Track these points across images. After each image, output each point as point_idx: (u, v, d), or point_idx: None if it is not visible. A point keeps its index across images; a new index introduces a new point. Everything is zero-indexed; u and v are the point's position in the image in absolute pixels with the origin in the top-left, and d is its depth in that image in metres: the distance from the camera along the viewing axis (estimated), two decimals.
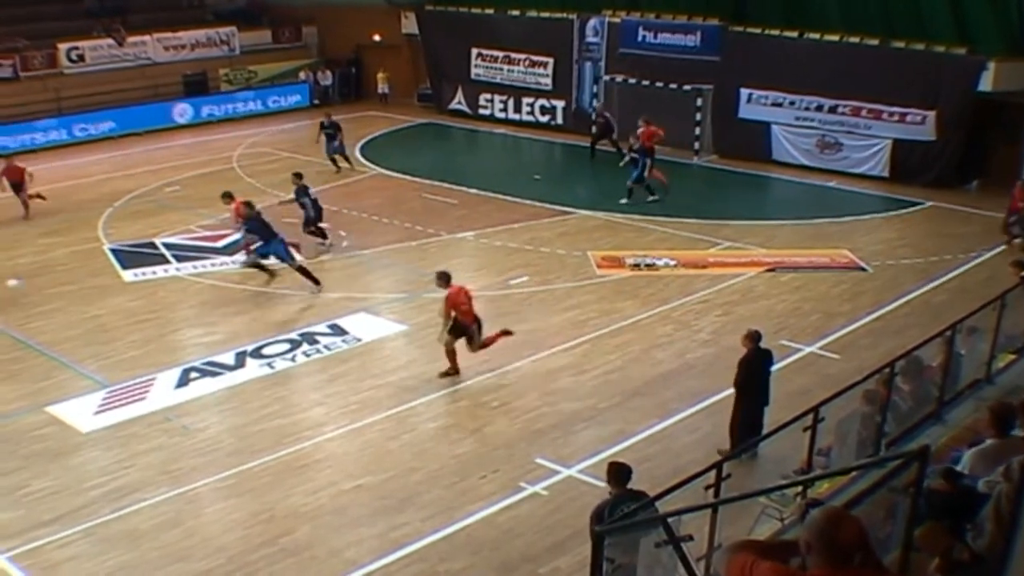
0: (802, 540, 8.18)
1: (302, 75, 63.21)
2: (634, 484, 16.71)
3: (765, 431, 20.99)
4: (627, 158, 44.02)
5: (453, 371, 27.88)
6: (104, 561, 21.06)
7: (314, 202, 39.37)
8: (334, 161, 49.04)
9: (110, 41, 61.95)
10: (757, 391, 22.39)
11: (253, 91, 62.52)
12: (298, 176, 40.16)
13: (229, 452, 24.98)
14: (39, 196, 43.45)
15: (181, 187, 46.73)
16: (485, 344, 27.74)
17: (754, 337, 22.66)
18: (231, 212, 36.36)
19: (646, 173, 42.93)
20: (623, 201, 41.76)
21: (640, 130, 44.80)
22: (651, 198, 42.70)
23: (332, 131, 48.84)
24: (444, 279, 27.83)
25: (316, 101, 61.82)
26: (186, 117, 61.46)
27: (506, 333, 27.84)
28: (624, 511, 15.88)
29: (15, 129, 58.00)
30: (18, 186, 43.84)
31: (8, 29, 61.23)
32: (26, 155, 54.37)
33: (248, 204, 35.07)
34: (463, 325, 27.38)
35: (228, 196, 36.70)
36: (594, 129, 51.01)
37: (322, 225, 39.70)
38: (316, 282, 34.45)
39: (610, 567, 14.32)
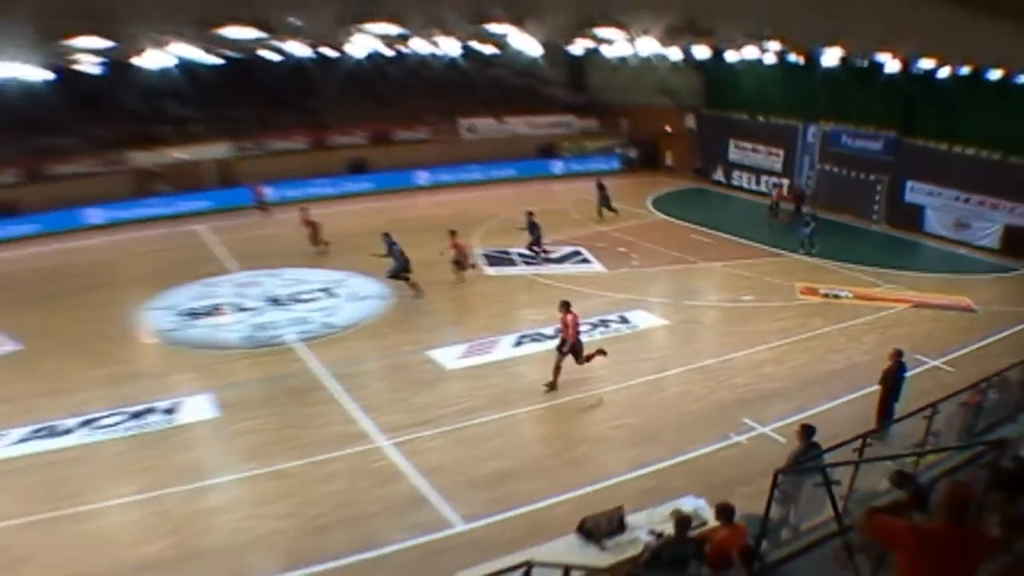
0: (935, 502, 8.46)
1: (617, 149, 63.32)
2: None
3: (896, 417, 20.74)
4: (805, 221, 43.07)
5: (553, 386, 26.04)
6: (450, 453, 22.27)
7: (536, 230, 40.17)
8: (607, 210, 48.80)
9: (493, 120, 63.05)
10: (895, 389, 22.16)
11: (586, 158, 62.84)
12: (530, 213, 40.72)
13: (542, 393, 25.61)
14: (324, 243, 42.74)
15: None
16: (588, 358, 26.11)
17: (898, 353, 22.64)
18: (451, 245, 36.74)
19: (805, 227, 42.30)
20: (814, 250, 40.94)
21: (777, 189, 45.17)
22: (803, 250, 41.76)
23: (602, 190, 48.70)
24: (564, 306, 26.06)
25: (625, 168, 61.96)
26: (555, 170, 62.15)
27: (600, 352, 26.35)
28: (808, 459, 16.00)
29: (455, 170, 60.95)
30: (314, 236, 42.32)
31: (424, 106, 63.36)
32: (452, 188, 58.26)
33: (387, 234, 35.50)
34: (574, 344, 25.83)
35: (452, 233, 36.93)
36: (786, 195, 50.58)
37: (535, 249, 40.15)
38: (420, 292, 34.79)
39: (781, 495, 14.36)
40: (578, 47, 44.46)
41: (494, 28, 31.80)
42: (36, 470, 22.63)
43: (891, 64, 41.01)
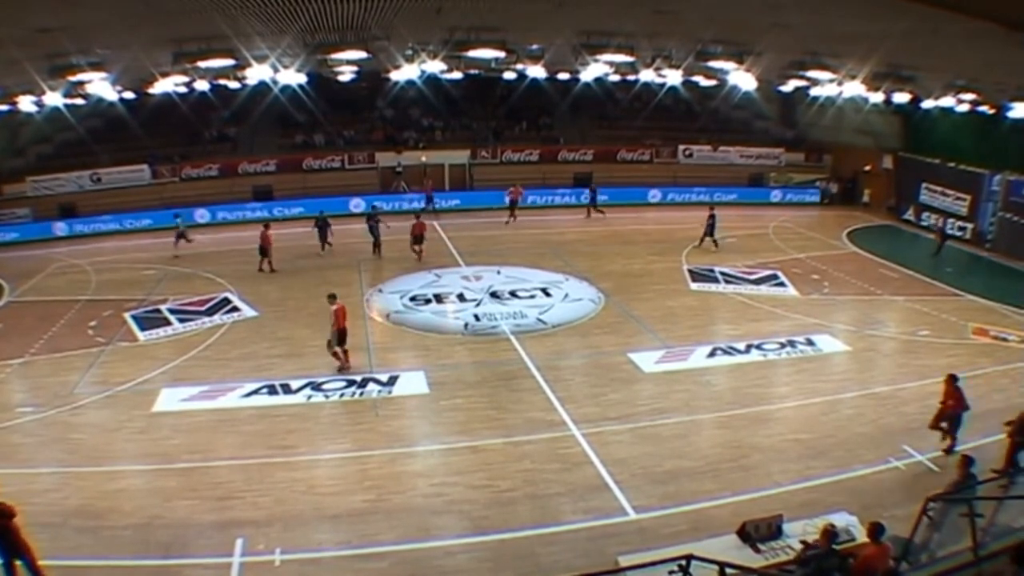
0: None
1: (818, 183, 62.03)
2: None
3: None
4: None
5: (345, 367, 27.63)
6: (635, 448, 22.53)
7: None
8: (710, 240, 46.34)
9: (709, 148, 62.88)
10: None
11: (790, 189, 61.79)
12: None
13: (726, 401, 25.77)
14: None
15: (736, 240, 46.88)
16: (342, 352, 27.68)
17: None
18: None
19: None
20: None
21: None
22: None
23: (712, 220, 45.93)
24: (331, 298, 27.79)
25: (825, 201, 60.76)
26: (762, 198, 61.38)
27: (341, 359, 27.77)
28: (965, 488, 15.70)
29: (671, 191, 60.51)
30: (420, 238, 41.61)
31: (647, 129, 63.81)
32: (667, 207, 58.35)
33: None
34: (341, 332, 27.33)
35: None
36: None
37: None
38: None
39: (928, 521, 14.15)
40: (789, 85, 43.81)
41: (715, 64, 31.80)
42: (261, 420, 24.45)
43: None
